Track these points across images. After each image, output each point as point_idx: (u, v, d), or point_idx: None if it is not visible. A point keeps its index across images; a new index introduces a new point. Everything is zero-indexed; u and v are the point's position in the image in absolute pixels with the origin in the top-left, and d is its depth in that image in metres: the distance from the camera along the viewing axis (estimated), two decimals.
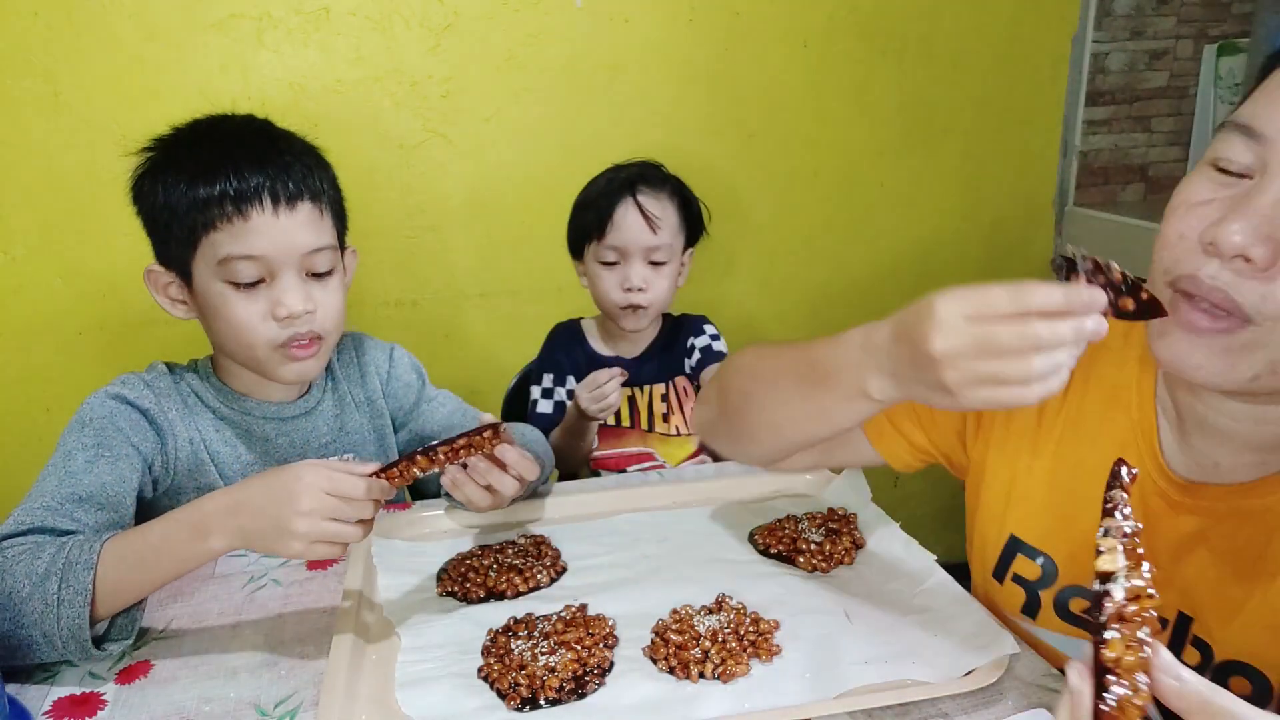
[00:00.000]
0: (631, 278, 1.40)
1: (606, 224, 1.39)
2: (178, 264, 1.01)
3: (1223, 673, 0.71)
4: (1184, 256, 0.65)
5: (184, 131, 1.03)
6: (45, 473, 0.94)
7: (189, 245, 0.98)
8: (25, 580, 0.79)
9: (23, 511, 0.88)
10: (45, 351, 1.73)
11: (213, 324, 1.03)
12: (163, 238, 1.01)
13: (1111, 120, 2.22)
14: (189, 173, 0.97)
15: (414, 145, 1.81)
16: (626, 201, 1.38)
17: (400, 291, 1.88)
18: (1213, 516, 0.73)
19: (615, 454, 1.49)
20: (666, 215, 1.40)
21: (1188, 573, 0.74)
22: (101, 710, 0.78)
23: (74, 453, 0.95)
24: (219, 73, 1.68)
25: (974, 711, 0.74)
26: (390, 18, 1.74)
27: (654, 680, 0.78)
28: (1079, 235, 2.23)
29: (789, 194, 2.07)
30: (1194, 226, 0.65)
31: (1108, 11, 2.13)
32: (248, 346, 1.01)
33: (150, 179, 1.00)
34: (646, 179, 1.41)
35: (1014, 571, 0.86)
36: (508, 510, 1.08)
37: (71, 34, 1.60)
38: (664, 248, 1.40)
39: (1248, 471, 0.72)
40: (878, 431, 0.95)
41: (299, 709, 0.77)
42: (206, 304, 1.01)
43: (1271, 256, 0.61)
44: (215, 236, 0.97)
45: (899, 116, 2.09)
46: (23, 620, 0.78)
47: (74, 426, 0.98)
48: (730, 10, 1.91)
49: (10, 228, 1.66)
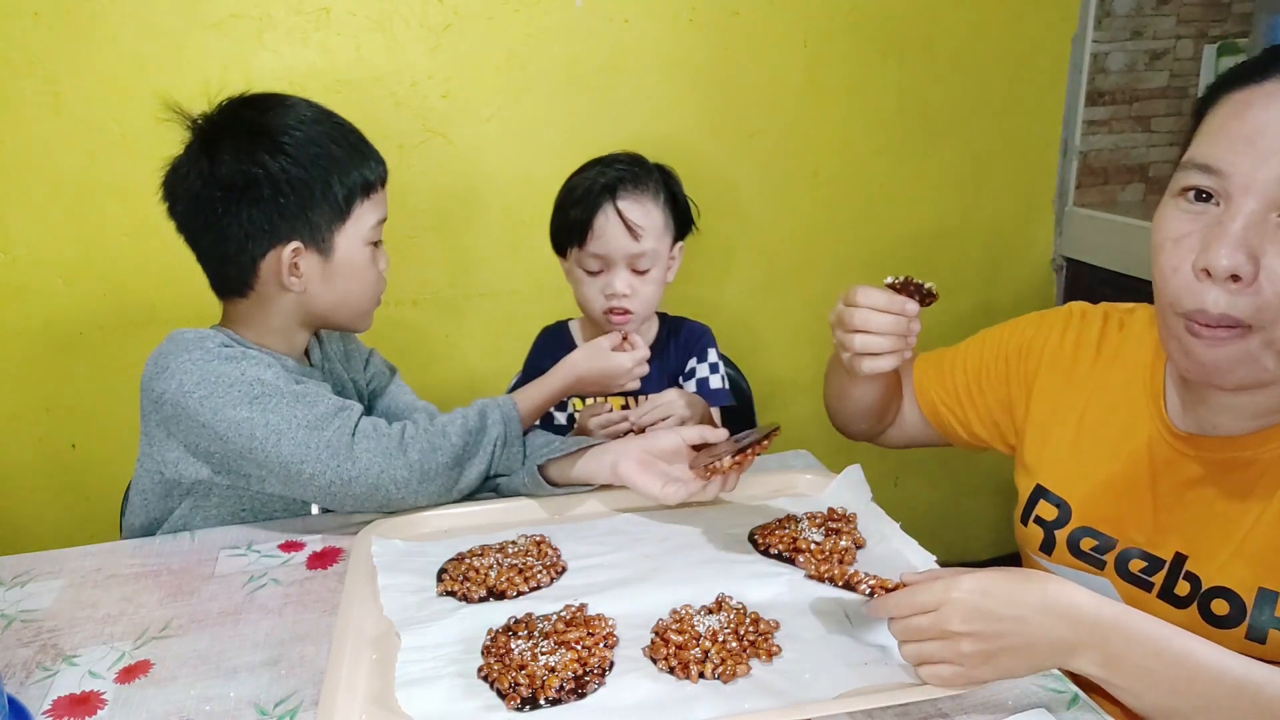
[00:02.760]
0: (615, 284, 1.33)
1: (587, 233, 1.32)
2: (319, 235, 1.08)
3: (1206, 596, 0.84)
4: (1184, 291, 0.77)
5: (306, 114, 1.10)
6: (260, 409, 1.00)
7: (341, 215, 1.09)
8: (466, 434, 1.06)
9: (319, 407, 1.02)
10: (45, 351, 1.73)
11: (346, 285, 1.13)
12: (304, 213, 1.07)
13: (1111, 120, 2.23)
14: (347, 147, 1.10)
15: (414, 145, 1.81)
16: (607, 209, 1.31)
17: (400, 291, 1.88)
18: (1210, 465, 0.86)
19: None
20: (650, 219, 1.33)
21: (1186, 515, 0.87)
22: (101, 710, 0.78)
23: (264, 379, 1.02)
24: (219, 73, 1.68)
25: (974, 712, 0.74)
26: (390, 18, 1.74)
27: (654, 680, 0.78)
28: (1079, 235, 2.23)
29: (788, 194, 2.07)
30: (1184, 259, 0.77)
31: (1108, 11, 2.13)
32: (372, 300, 1.17)
33: (279, 157, 1.05)
34: (628, 180, 1.33)
35: (1036, 514, 1.00)
36: (507, 510, 1.09)
37: (71, 34, 1.60)
38: (648, 254, 1.33)
39: (1243, 429, 0.84)
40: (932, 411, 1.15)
41: (299, 709, 0.77)
42: (348, 266, 1.12)
43: (1253, 272, 0.73)
44: (368, 204, 1.12)
45: (899, 116, 2.09)
46: (470, 464, 1.06)
47: (214, 362, 1.03)
48: (730, 10, 1.91)
49: (10, 228, 1.66)
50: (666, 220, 1.37)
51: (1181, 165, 0.79)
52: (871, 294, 0.95)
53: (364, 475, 1.01)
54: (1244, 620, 0.82)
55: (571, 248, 1.36)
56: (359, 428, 1.03)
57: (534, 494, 1.10)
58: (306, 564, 1.01)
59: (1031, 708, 0.75)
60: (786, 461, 1.23)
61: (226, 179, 1.04)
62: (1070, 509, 0.97)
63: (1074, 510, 0.97)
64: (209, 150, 1.05)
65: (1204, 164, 0.76)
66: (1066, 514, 0.98)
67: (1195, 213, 0.77)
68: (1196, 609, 0.85)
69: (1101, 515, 0.95)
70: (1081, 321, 1.03)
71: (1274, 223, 0.73)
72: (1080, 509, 0.97)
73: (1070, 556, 0.97)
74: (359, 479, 1.01)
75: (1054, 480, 1.00)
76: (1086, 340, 1.01)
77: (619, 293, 1.34)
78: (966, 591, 0.71)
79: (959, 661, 0.71)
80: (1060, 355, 1.03)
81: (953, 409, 1.13)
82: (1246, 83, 0.76)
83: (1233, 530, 0.84)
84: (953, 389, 1.13)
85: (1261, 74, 0.75)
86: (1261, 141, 0.73)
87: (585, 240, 1.33)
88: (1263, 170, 0.72)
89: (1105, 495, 0.94)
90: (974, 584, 0.71)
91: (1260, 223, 0.73)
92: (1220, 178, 0.75)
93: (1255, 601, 0.81)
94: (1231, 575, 0.83)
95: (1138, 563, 0.91)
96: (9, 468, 1.74)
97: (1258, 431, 0.83)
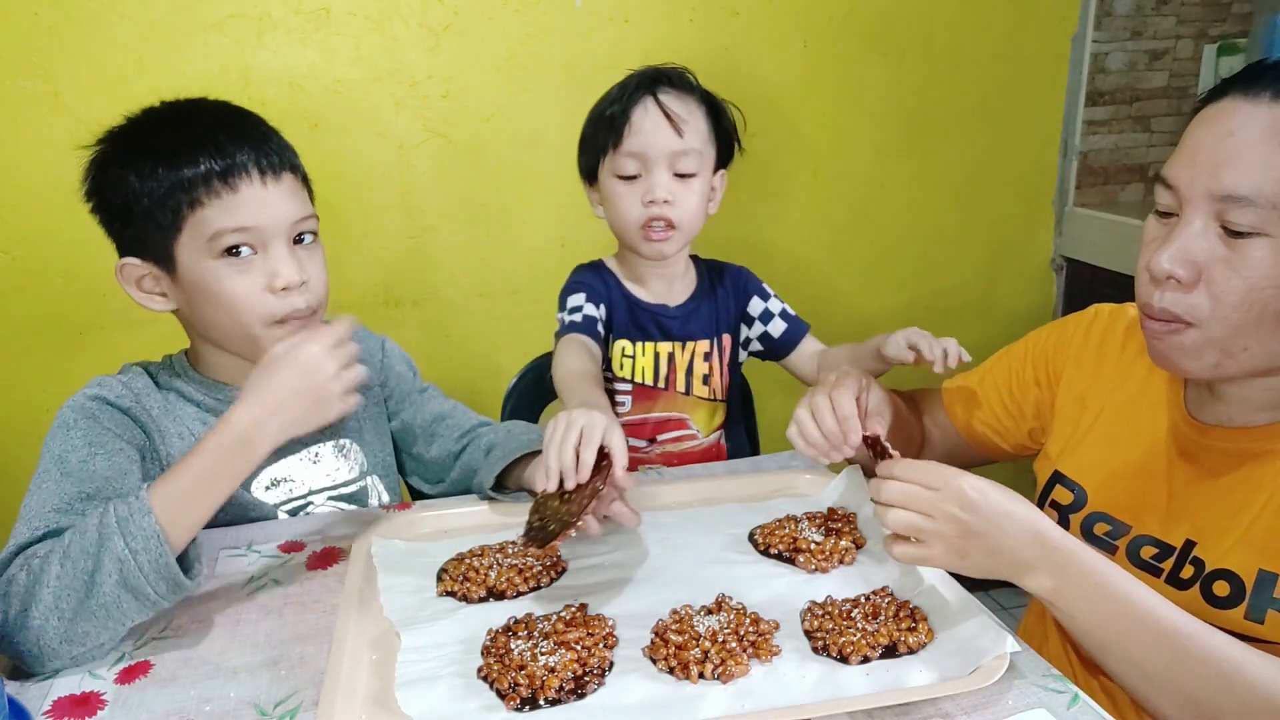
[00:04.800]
0: (655, 189, 1.20)
1: (623, 128, 1.19)
2: (157, 252, 0.98)
3: (1209, 579, 0.88)
4: (1142, 288, 0.87)
5: (144, 118, 1.01)
6: (38, 482, 0.91)
7: (173, 228, 0.96)
8: (84, 556, 0.80)
9: (29, 522, 0.86)
10: (45, 351, 1.73)
11: (202, 308, 1.00)
12: (139, 226, 0.98)
13: (1111, 120, 2.23)
14: (166, 154, 0.95)
15: (414, 145, 1.81)
16: (646, 101, 1.18)
17: (400, 291, 1.88)
18: (1224, 455, 0.90)
19: (646, 419, 1.35)
20: (694, 119, 1.21)
21: (1198, 503, 0.91)
22: (101, 710, 0.78)
23: (65, 455, 0.93)
24: (219, 73, 1.68)
25: (974, 712, 0.74)
26: (390, 18, 1.74)
27: (654, 680, 0.78)
28: (1079, 235, 2.23)
29: (788, 194, 2.07)
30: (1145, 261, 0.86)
31: (1108, 11, 2.13)
32: (244, 324, 0.99)
33: (117, 168, 0.97)
34: (669, 78, 1.22)
35: (1052, 498, 1.04)
36: (508, 510, 1.09)
37: (71, 34, 1.60)
38: (691, 154, 1.20)
39: (1256, 420, 0.88)
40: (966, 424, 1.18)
41: (299, 709, 0.77)
42: (196, 287, 0.98)
43: (1192, 276, 0.81)
44: (204, 213, 0.95)
45: (899, 116, 2.09)
46: (98, 589, 0.79)
47: (57, 432, 0.96)
48: (730, 10, 1.91)
49: (10, 228, 1.66)
50: (709, 132, 1.25)
51: (1155, 177, 0.87)
52: (824, 405, 0.95)
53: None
54: (1243, 601, 0.84)
55: (604, 156, 1.23)
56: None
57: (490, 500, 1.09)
58: (307, 564, 1.01)
59: (1031, 708, 0.75)
60: (786, 462, 1.23)
61: (85, 184, 1.01)
62: (1086, 494, 1.01)
63: (1090, 496, 1.01)
64: (94, 153, 1.01)
65: (1163, 178, 0.84)
66: (1082, 499, 1.01)
67: (1164, 223, 0.86)
68: (1199, 590, 0.88)
69: (1117, 502, 0.98)
70: (1108, 320, 1.07)
71: (1216, 233, 0.80)
72: (1096, 495, 1.00)
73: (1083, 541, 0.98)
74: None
75: (1072, 467, 1.03)
76: (1112, 336, 1.05)
77: (659, 198, 1.21)
78: (971, 485, 0.79)
79: (934, 542, 0.81)
80: (1085, 352, 1.07)
81: (990, 424, 1.16)
82: (1210, 101, 0.82)
83: (1240, 517, 0.87)
84: (986, 405, 1.16)
85: (1222, 92, 0.81)
86: (1200, 157, 0.80)
87: (621, 138, 1.20)
88: (1198, 184, 0.80)
89: (1121, 483, 0.98)
90: (978, 482, 0.80)
91: (1203, 232, 0.81)
92: (1174, 192, 0.83)
93: (1255, 583, 0.84)
94: (1235, 558, 0.86)
95: (1149, 549, 0.94)
96: (9, 467, 1.74)
97: (1271, 424, 0.87)
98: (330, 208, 1.76)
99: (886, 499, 0.83)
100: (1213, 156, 0.79)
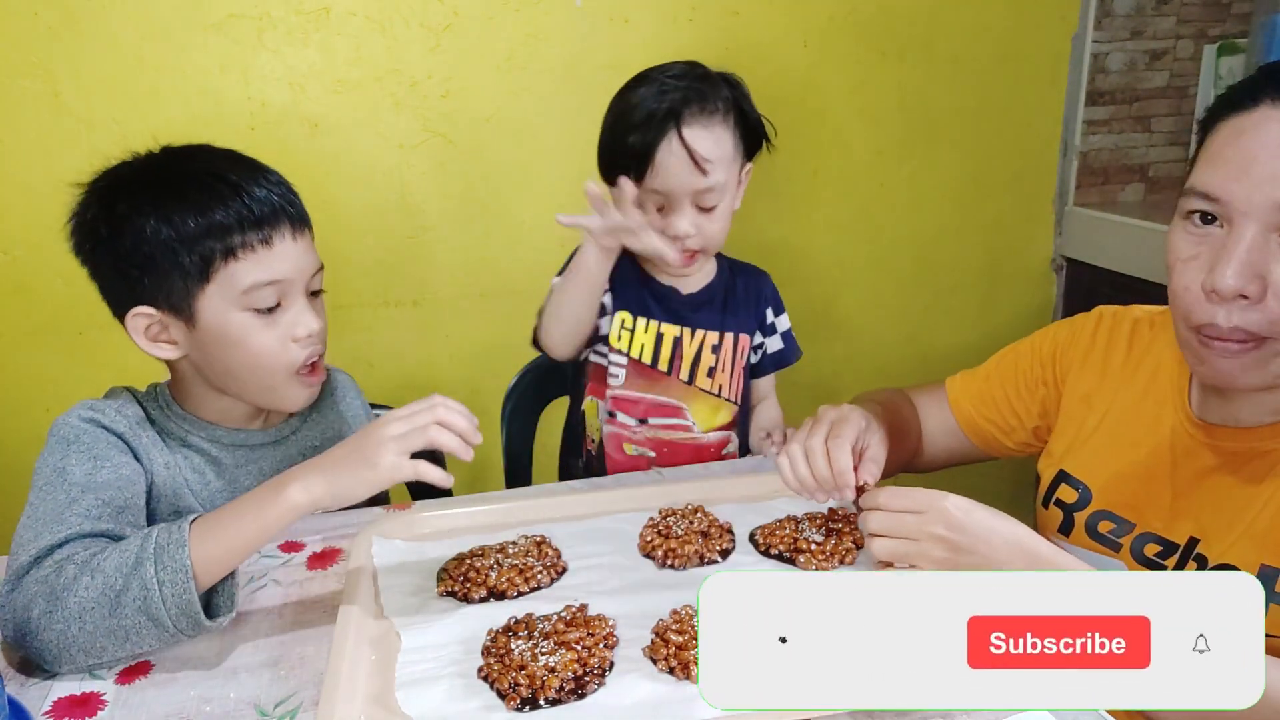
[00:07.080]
0: (677, 226, 1.18)
1: (647, 166, 1.15)
2: (175, 301, 0.95)
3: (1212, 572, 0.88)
4: (1195, 306, 0.83)
5: (156, 163, 0.99)
6: (39, 497, 0.89)
7: (200, 278, 0.94)
8: (117, 573, 0.79)
9: (42, 530, 0.85)
10: (45, 351, 1.73)
11: (222, 358, 0.98)
12: (160, 276, 0.94)
13: (1111, 120, 2.22)
14: (195, 202, 0.94)
15: (413, 145, 1.81)
16: (670, 139, 1.14)
17: (400, 291, 1.88)
18: (1228, 454, 0.90)
19: (640, 397, 1.31)
20: (721, 147, 1.17)
21: (1202, 501, 0.92)
22: (101, 710, 0.78)
23: (68, 469, 0.91)
24: (219, 73, 1.68)
25: (974, 712, 0.74)
26: (390, 18, 1.74)
27: (654, 680, 0.78)
28: (1079, 235, 2.23)
29: (788, 194, 2.07)
30: (1194, 278, 0.83)
31: (1108, 11, 2.13)
32: (268, 374, 0.99)
33: (133, 215, 0.94)
34: (694, 100, 1.16)
35: (1057, 497, 1.05)
36: (508, 510, 1.09)
37: (71, 34, 1.60)
38: (716, 189, 1.18)
39: (1262, 420, 0.89)
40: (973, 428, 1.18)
41: (299, 709, 0.77)
42: (218, 338, 0.97)
43: (1259, 291, 0.79)
44: (237, 266, 0.94)
45: (899, 116, 2.09)
46: (122, 610, 0.79)
47: (55, 447, 0.94)
48: (730, 10, 1.91)
49: (10, 228, 1.66)
50: (736, 144, 1.22)
51: (1185, 192, 0.84)
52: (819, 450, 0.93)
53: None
54: None
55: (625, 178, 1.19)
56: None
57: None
58: (306, 564, 1.01)
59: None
60: None
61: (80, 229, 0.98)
62: (1091, 493, 1.02)
63: (1094, 494, 1.02)
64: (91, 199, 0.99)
65: (1204, 192, 0.82)
66: (1087, 497, 1.02)
67: (1201, 235, 0.83)
68: None
69: (1121, 500, 0.99)
70: (1113, 321, 1.08)
71: (1275, 241, 0.79)
72: (1101, 493, 1.01)
73: (1087, 538, 1.01)
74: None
75: (1077, 466, 1.04)
76: (1118, 338, 1.06)
77: (683, 233, 1.20)
78: (955, 505, 0.82)
79: (924, 565, 0.82)
80: (1092, 354, 1.08)
81: (994, 420, 1.16)
82: (1239, 109, 0.81)
83: (1244, 514, 0.88)
84: (991, 401, 1.16)
85: (1253, 100, 0.80)
86: (1255, 169, 0.79)
87: (644, 175, 1.17)
88: (1257, 196, 0.78)
89: (1126, 481, 0.99)
90: (963, 502, 0.83)
91: (1263, 244, 0.79)
92: (1220, 204, 0.81)
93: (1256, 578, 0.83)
94: (1237, 554, 0.87)
95: (1153, 546, 0.95)
96: (9, 467, 1.74)
97: (1276, 424, 0.88)
98: (330, 207, 1.77)
99: (874, 529, 0.85)
100: (1268, 167, 0.78)
